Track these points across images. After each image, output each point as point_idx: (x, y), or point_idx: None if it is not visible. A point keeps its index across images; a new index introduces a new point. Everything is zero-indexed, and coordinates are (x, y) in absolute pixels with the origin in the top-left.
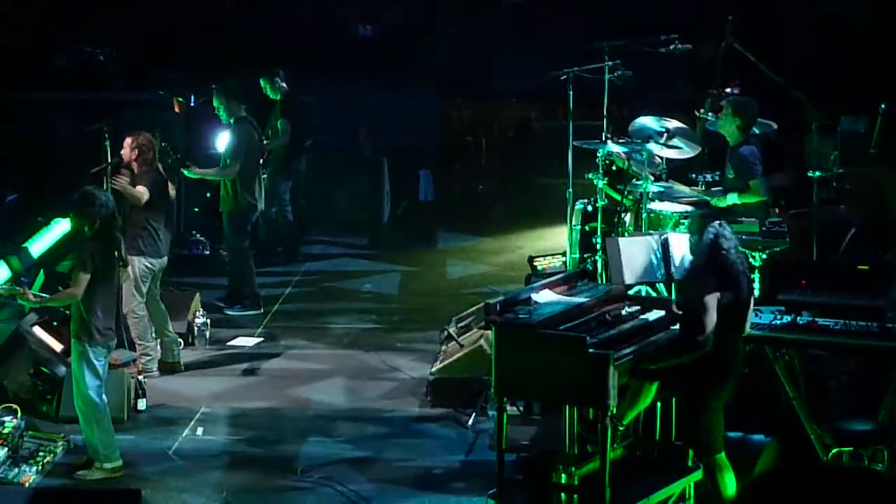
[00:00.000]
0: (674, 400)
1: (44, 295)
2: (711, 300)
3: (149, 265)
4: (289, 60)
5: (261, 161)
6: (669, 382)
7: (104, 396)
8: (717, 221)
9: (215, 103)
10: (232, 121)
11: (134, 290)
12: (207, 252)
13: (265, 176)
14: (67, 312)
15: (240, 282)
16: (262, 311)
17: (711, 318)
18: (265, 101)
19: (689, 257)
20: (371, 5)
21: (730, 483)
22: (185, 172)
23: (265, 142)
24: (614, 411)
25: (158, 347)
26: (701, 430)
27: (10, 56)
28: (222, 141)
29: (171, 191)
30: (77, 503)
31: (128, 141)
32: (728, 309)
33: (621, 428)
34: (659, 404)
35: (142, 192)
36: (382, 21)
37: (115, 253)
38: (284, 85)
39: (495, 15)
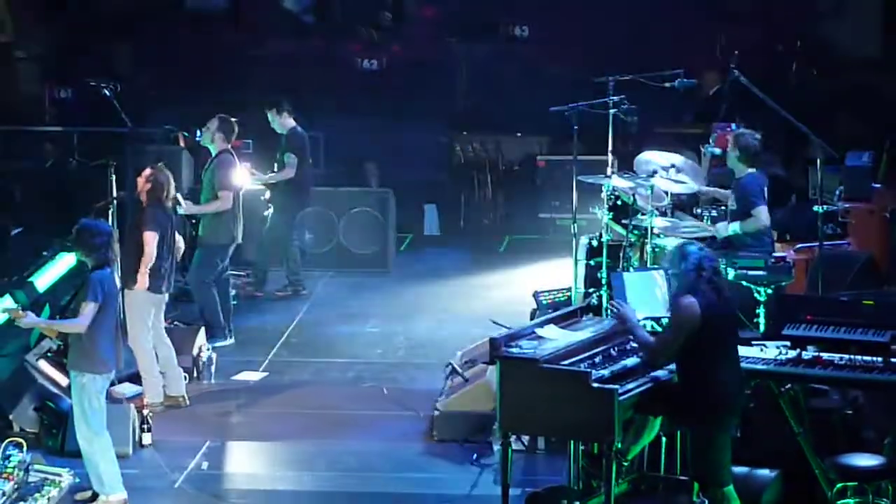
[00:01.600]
0: (678, 433)
1: (42, 320)
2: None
3: (148, 298)
4: (295, 93)
5: (265, 196)
6: (674, 417)
7: (105, 428)
8: (698, 246)
9: (209, 130)
10: (214, 153)
11: (139, 324)
12: None
13: (270, 210)
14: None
15: (206, 314)
16: (227, 342)
17: (678, 333)
18: (272, 135)
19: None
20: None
21: None
22: (178, 210)
23: (268, 174)
24: (619, 447)
25: (164, 382)
26: (708, 464)
27: (14, 87)
28: (244, 176)
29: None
30: None
31: (145, 173)
32: (717, 335)
33: (626, 463)
34: (664, 438)
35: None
36: (388, 54)
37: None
38: (291, 119)
39: (502, 49)
